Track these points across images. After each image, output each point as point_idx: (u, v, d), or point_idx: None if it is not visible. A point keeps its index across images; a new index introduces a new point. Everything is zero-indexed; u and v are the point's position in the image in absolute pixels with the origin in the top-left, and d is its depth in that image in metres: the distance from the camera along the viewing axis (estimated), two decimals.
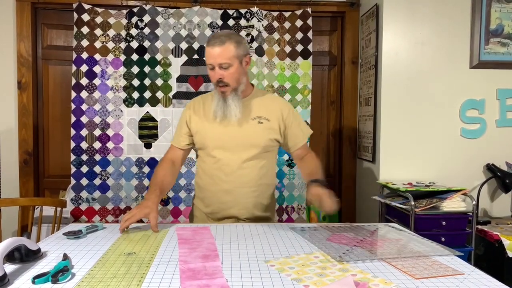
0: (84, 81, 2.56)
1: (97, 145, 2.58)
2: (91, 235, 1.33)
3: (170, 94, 2.61)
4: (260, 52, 2.64)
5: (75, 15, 2.55)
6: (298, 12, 2.70)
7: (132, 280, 0.93)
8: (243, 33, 2.65)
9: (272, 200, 1.72)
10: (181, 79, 2.61)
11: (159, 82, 2.61)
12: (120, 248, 1.17)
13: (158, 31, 2.60)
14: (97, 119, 2.58)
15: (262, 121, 1.61)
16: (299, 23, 2.70)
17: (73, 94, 2.56)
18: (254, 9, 2.65)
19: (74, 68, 2.55)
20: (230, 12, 2.65)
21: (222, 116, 1.57)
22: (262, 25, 2.67)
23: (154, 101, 2.60)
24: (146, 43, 2.59)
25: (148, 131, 2.61)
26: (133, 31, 2.58)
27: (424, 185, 2.18)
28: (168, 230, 1.39)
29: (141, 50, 2.59)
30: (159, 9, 2.60)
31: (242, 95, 1.61)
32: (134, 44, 2.59)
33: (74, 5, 2.54)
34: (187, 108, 1.70)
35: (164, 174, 1.61)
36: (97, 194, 2.58)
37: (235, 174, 1.58)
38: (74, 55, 2.55)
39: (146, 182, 2.60)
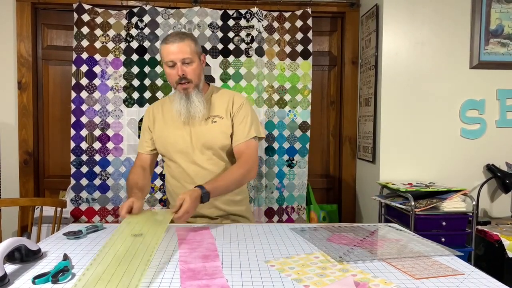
0: (84, 81, 2.56)
1: (97, 145, 2.58)
2: (91, 235, 1.34)
3: (170, 94, 2.61)
4: (260, 52, 2.64)
5: (75, 15, 2.55)
6: (298, 13, 2.70)
7: (132, 280, 0.92)
8: (243, 33, 2.65)
9: (243, 196, 1.71)
10: None
11: (159, 82, 2.61)
12: (114, 247, 1.16)
13: (158, 31, 2.60)
14: (97, 119, 2.58)
15: (216, 120, 1.59)
16: (299, 23, 2.70)
17: (73, 94, 2.56)
18: (254, 9, 2.65)
19: (74, 68, 2.55)
20: (230, 12, 2.65)
21: (186, 114, 1.55)
22: (262, 25, 2.66)
23: (154, 101, 2.59)
24: (146, 43, 2.59)
25: None
26: (133, 31, 2.58)
27: (424, 186, 2.18)
28: (168, 231, 1.39)
29: (141, 50, 2.59)
30: (159, 9, 2.60)
31: None
32: (134, 44, 2.59)
33: (74, 5, 2.54)
34: (147, 114, 1.71)
35: (137, 178, 1.61)
36: (97, 194, 2.58)
37: (199, 175, 1.57)
38: (74, 55, 2.55)
39: None
